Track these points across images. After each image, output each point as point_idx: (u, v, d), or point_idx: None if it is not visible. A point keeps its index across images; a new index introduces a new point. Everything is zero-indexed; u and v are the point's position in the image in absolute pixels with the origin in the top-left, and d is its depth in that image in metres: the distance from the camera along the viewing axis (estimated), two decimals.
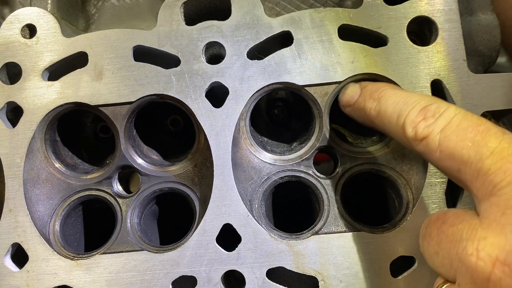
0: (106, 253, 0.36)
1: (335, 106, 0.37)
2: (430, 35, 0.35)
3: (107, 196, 0.37)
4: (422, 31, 0.36)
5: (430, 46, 0.35)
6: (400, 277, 0.34)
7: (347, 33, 0.36)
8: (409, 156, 0.37)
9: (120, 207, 0.37)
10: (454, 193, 0.36)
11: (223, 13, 0.36)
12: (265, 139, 0.40)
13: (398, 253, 0.34)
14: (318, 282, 0.34)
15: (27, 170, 0.36)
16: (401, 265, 0.35)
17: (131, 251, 0.36)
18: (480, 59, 0.37)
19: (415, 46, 0.35)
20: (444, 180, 0.35)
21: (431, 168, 0.35)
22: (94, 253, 0.36)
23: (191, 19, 0.37)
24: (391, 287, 0.34)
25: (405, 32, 0.35)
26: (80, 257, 0.36)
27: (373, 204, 0.40)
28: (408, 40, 0.35)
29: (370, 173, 0.37)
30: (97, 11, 0.43)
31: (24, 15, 0.37)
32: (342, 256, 0.34)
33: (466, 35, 0.36)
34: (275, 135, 0.40)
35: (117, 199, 0.37)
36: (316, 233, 0.35)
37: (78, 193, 0.38)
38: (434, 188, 0.35)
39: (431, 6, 0.35)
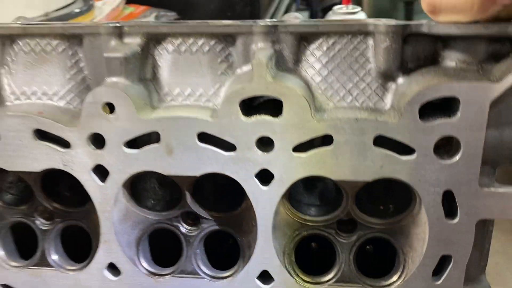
0: (175, 276, 0.49)
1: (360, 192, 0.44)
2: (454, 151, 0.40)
3: (176, 230, 0.49)
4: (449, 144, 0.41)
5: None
6: None
7: (381, 140, 0.41)
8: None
9: (185, 238, 0.49)
10: None
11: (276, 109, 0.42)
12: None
13: None
14: None
15: (116, 213, 0.47)
16: None
17: (194, 277, 0.49)
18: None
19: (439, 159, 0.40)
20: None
21: None
22: (166, 274, 0.49)
23: (247, 109, 0.42)
24: None
25: (432, 148, 0.40)
26: (158, 276, 0.49)
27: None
28: (433, 154, 0.40)
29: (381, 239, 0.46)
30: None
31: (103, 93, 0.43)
32: None
33: (489, 148, 0.41)
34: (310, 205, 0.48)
35: (184, 233, 0.49)
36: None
37: (153, 225, 0.49)
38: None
39: (460, 125, 0.40)
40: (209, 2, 1.27)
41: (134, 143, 0.44)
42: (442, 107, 0.40)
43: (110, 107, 0.43)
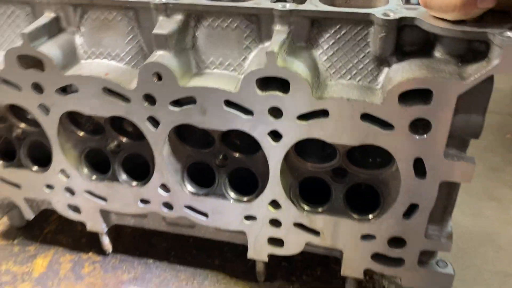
0: (208, 196, 0.65)
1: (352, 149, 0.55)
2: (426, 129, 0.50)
3: (211, 164, 0.64)
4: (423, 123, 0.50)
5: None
6: None
7: (368, 116, 0.51)
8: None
9: (217, 171, 0.64)
10: None
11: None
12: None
13: None
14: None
15: (165, 149, 0.62)
16: None
17: (222, 198, 0.64)
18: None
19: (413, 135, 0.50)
20: None
21: None
22: (203, 194, 0.65)
23: (263, 82, 0.53)
24: None
25: (407, 126, 0.49)
26: (196, 195, 0.65)
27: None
28: (408, 130, 0.50)
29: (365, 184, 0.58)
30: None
31: (152, 66, 0.55)
32: None
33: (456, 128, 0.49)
34: (312, 155, 0.60)
35: (217, 166, 0.64)
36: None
37: (194, 159, 0.64)
38: None
39: (431, 111, 0.48)
40: None
41: (177, 102, 0.57)
42: (422, 92, 0.49)
43: (158, 76, 0.55)
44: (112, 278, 0.74)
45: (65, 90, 0.60)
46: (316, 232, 0.62)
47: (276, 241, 0.65)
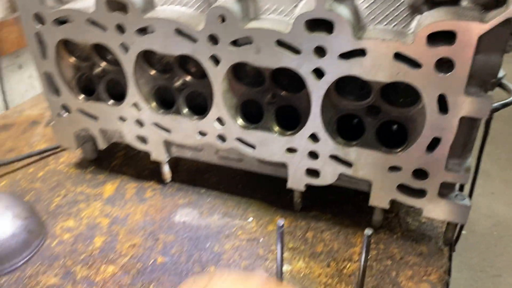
0: (257, 129, 0.75)
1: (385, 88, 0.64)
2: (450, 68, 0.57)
3: (260, 101, 0.74)
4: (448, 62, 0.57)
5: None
6: None
7: (400, 55, 0.59)
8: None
9: (266, 107, 0.74)
10: None
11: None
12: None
13: None
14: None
15: (223, 86, 0.72)
16: None
17: (269, 132, 0.74)
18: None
19: (438, 73, 0.58)
20: None
21: None
22: (252, 128, 0.75)
23: (312, 24, 0.62)
24: None
25: (433, 64, 0.57)
26: (246, 128, 0.75)
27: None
28: (434, 69, 0.58)
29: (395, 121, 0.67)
30: None
31: (216, 11, 0.65)
32: None
33: (476, 67, 0.57)
34: (350, 93, 0.69)
35: (265, 103, 0.74)
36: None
37: (246, 96, 0.75)
38: None
39: (454, 51, 0.56)
40: None
41: (236, 42, 0.67)
42: (447, 35, 0.57)
43: (222, 18, 0.65)
44: (169, 202, 0.86)
45: (143, 31, 0.71)
46: (349, 164, 0.71)
47: (313, 172, 0.74)
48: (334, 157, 0.71)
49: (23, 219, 0.74)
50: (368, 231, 0.51)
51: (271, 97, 0.73)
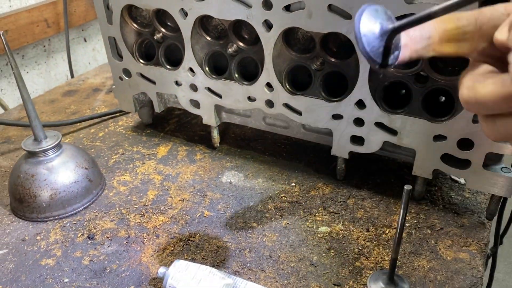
0: (305, 95, 0.77)
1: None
2: None
3: (309, 67, 0.76)
4: None
5: None
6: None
7: None
8: None
9: (314, 74, 0.76)
10: None
11: None
12: None
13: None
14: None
15: (274, 51, 0.75)
16: None
17: (317, 98, 0.77)
18: None
19: None
20: None
21: None
22: (300, 93, 0.78)
23: None
24: None
25: None
26: (294, 94, 0.78)
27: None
28: None
29: (443, 90, 0.67)
30: None
31: None
32: None
33: None
34: None
35: (314, 69, 0.76)
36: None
37: (295, 62, 0.77)
38: None
39: None
40: None
41: (289, 7, 0.70)
42: None
43: None
44: (217, 164, 0.90)
45: None
46: (394, 132, 0.72)
47: (357, 139, 0.76)
48: (380, 124, 0.73)
49: (85, 168, 0.80)
50: (407, 186, 0.52)
51: (320, 64, 0.75)
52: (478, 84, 0.31)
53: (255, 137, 0.98)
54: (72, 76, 1.40)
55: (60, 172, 0.77)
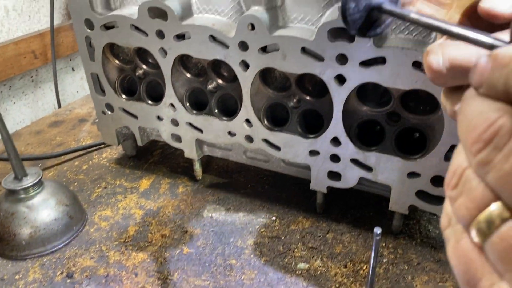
0: (282, 131, 0.79)
1: (405, 96, 0.66)
2: None
3: (286, 105, 0.78)
4: None
5: None
6: None
7: (418, 64, 0.61)
8: None
9: (291, 111, 0.78)
10: None
11: None
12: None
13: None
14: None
15: (252, 89, 0.77)
16: None
17: (293, 134, 0.78)
18: None
19: None
20: None
21: None
22: (278, 130, 0.79)
23: (333, 34, 0.65)
24: None
25: None
26: (271, 130, 0.79)
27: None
28: None
29: (415, 128, 0.68)
30: None
31: (249, 18, 0.70)
32: None
33: None
34: (371, 100, 0.71)
35: (291, 107, 0.78)
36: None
37: (272, 100, 0.79)
38: None
39: None
40: None
41: (265, 48, 0.71)
42: None
43: (252, 26, 0.70)
44: (199, 198, 0.91)
45: (180, 36, 0.77)
46: (369, 168, 0.73)
47: (335, 175, 0.77)
48: (355, 161, 0.74)
49: (66, 205, 0.81)
50: (377, 229, 0.53)
51: (296, 101, 0.77)
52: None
53: (238, 168, 0.99)
54: (60, 106, 1.42)
55: (40, 210, 0.78)
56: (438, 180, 0.69)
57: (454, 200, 0.23)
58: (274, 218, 0.84)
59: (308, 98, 0.76)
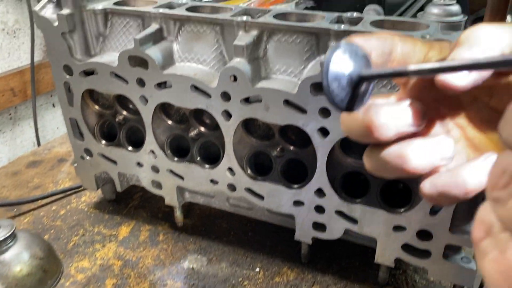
0: (265, 181, 0.77)
1: None
2: None
3: (269, 154, 0.77)
4: None
5: None
6: None
7: None
8: None
9: (274, 160, 0.77)
10: None
11: None
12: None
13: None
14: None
15: (235, 138, 0.76)
16: None
17: (276, 184, 0.77)
18: None
19: None
20: None
21: None
22: (261, 179, 0.78)
23: (315, 88, 0.65)
24: None
25: None
26: (255, 179, 0.78)
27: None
28: None
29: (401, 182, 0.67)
30: None
31: (230, 69, 0.69)
32: None
33: None
34: (353, 152, 0.71)
35: (274, 156, 0.76)
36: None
37: (256, 149, 0.78)
38: None
39: None
40: None
41: (247, 99, 0.71)
42: None
43: (234, 78, 0.69)
44: (180, 247, 0.88)
45: (161, 85, 0.76)
46: (354, 220, 0.72)
47: (319, 226, 0.75)
48: (340, 213, 0.72)
49: (40, 258, 0.77)
50: None
51: (279, 151, 0.76)
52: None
53: (221, 213, 0.97)
54: (39, 144, 1.38)
55: (13, 266, 0.74)
56: (423, 234, 0.68)
57: (504, 202, 0.20)
58: (258, 269, 0.82)
59: (291, 147, 0.75)
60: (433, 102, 0.34)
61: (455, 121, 0.34)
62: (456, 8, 0.74)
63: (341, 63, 0.31)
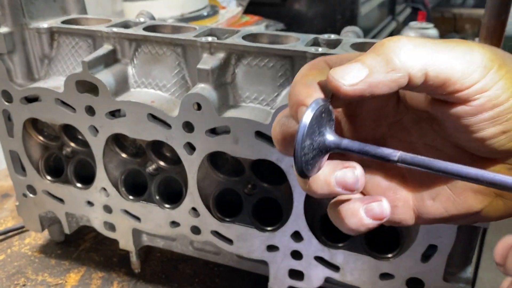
0: (235, 223, 0.68)
1: None
2: None
3: (239, 191, 0.68)
4: None
5: None
6: None
7: None
8: None
9: (245, 198, 0.68)
10: None
11: None
12: None
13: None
14: None
15: (199, 174, 0.67)
16: None
17: (248, 226, 0.68)
18: None
19: None
20: None
21: None
22: (230, 221, 0.69)
23: None
24: None
25: None
26: (224, 221, 0.69)
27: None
28: None
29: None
30: None
31: (194, 97, 0.61)
32: None
33: None
34: None
35: (244, 194, 0.68)
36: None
37: (224, 185, 0.69)
38: None
39: None
40: (312, 18, 1.34)
41: (214, 130, 0.62)
42: None
43: (198, 106, 0.60)
44: None
45: (114, 114, 0.66)
46: (336, 267, 0.64)
47: (296, 274, 0.67)
48: (320, 259, 0.64)
49: None
50: None
51: (251, 188, 0.67)
52: None
53: (184, 257, 0.86)
54: None
55: None
56: (414, 282, 0.60)
57: None
58: None
59: (264, 184, 0.67)
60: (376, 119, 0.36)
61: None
62: (433, 31, 0.70)
63: (315, 128, 0.30)
